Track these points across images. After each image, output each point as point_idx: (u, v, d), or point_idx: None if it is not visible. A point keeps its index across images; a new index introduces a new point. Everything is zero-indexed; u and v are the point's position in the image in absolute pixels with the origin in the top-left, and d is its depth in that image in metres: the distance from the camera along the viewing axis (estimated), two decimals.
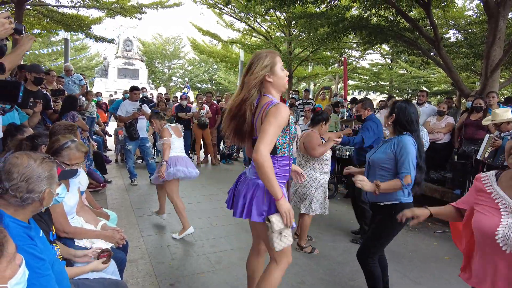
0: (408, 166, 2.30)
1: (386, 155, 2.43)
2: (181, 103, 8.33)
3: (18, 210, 1.35)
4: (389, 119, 2.51)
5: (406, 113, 2.45)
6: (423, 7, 7.31)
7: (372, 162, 2.53)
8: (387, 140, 2.54)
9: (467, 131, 5.25)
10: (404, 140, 2.38)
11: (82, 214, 2.46)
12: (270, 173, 1.79)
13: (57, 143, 2.23)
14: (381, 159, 2.45)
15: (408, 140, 2.37)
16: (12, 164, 1.33)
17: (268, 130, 1.81)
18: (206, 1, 14.84)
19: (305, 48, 14.75)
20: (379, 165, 2.46)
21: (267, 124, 1.82)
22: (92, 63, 31.42)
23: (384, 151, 2.46)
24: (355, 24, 8.41)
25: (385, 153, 2.44)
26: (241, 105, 1.95)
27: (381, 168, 2.46)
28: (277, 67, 1.95)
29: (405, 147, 2.33)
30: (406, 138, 2.38)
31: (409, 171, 2.29)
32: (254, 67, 1.93)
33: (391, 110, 2.51)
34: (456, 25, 12.69)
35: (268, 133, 1.80)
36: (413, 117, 2.45)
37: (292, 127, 1.98)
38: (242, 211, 1.99)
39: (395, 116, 2.47)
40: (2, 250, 0.91)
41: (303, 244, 3.70)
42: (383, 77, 22.62)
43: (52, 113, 5.32)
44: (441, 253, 3.89)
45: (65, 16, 11.37)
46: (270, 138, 1.81)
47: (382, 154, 2.45)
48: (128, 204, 5.00)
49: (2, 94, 1.76)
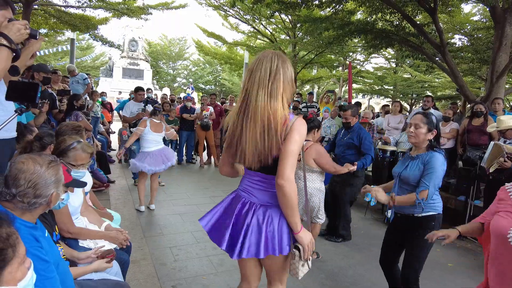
0: (428, 182, 2.24)
1: (420, 171, 2.32)
2: (185, 104, 8.36)
3: (25, 212, 1.36)
4: (427, 136, 2.34)
5: (439, 127, 2.38)
6: (429, 12, 7.29)
7: (405, 179, 2.42)
8: (415, 156, 2.40)
9: (471, 137, 5.23)
10: (437, 157, 2.28)
11: (86, 215, 2.47)
12: (295, 203, 1.55)
13: (63, 144, 2.25)
14: (416, 176, 2.33)
15: (440, 159, 2.28)
16: (19, 170, 1.33)
17: (294, 151, 1.54)
18: (211, 3, 14.92)
19: (309, 51, 14.78)
20: (414, 181, 2.35)
21: (293, 143, 1.54)
22: (97, 62, 31.60)
23: (417, 167, 2.34)
24: (361, 28, 8.40)
25: (419, 170, 2.33)
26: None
27: (412, 184, 2.38)
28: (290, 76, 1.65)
29: (434, 165, 2.25)
30: (439, 156, 2.29)
31: (428, 186, 2.23)
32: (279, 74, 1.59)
33: (431, 126, 2.34)
34: (462, 30, 12.65)
35: (294, 154, 1.54)
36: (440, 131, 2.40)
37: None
38: (258, 248, 1.61)
39: (436, 132, 2.35)
40: (14, 252, 0.92)
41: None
42: (388, 81, 22.56)
43: (58, 112, 5.36)
44: (444, 260, 3.87)
45: (72, 16, 11.46)
46: (295, 160, 1.55)
47: (416, 171, 2.34)
48: (131, 204, 5.01)
49: (20, 95, 1.79)
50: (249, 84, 1.60)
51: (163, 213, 4.78)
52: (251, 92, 1.59)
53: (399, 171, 2.48)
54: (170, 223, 4.37)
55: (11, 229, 0.93)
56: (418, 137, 2.35)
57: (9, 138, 1.98)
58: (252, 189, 1.71)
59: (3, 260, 0.89)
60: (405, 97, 23.26)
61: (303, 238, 1.62)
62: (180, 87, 35.00)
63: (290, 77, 1.64)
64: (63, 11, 11.38)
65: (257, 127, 1.56)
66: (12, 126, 2.01)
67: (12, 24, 1.78)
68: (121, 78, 24.20)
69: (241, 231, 1.65)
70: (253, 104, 1.57)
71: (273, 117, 1.55)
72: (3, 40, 1.73)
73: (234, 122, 1.66)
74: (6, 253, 0.90)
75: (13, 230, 0.94)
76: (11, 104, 1.98)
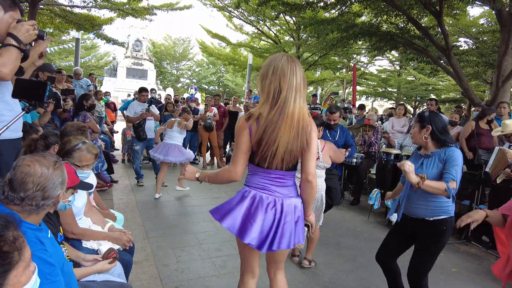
0: (455, 173, 2.17)
1: (439, 169, 2.27)
2: (189, 105, 8.36)
3: (31, 214, 1.36)
4: (422, 133, 2.35)
5: (439, 121, 2.33)
6: (434, 15, 7.27)
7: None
8: (430, 154, 2.34)
9: (483, 140, 5.14)
10: (455, 151, 2.25)
11: (90, 215, 2.47)
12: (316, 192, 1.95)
13: (69, 144, 2.25)
14: (435, 174, 2.27)
15: (458, 152, 2.25)
16: (25, 173, 1.32)
17: (315, 148, 1.83)
18: (216, 4, 14.95)
19: (313, 53, 14.76)
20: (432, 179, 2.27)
21: (315, 143, 1.83)
22: (101, 62, 31.74)
23: (435, 165, 2.29)
24: (365, 31, 8.39)
25: (437, 168, 2.27)
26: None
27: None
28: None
29: (455, 158, 2.21)
30: (457, 150, 2.25)
31: (455, 177, 2.16)
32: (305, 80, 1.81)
33: (423, 123, 2.35)
34: (468, 33, 12.60)
35: (315, 151, 1.84)
36: (445, 125, 2.35)
37: None
38: (289, 239, 1.79)
39: (431, 127, 2.32)
40: (20, 255, 0.92)
41: (311, 257, 3.59)
42: (391, 84, 22.52)
43: (62, 112, 5.38)
44: (448, 265, 3.84)
45: (77, 16, 11.52)
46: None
47: (435, 168, 2.28)
48: (134, 204, 5.01)
49: (28, 93, 1.80)
50: (286, 88, 1.71)
51: (165, 213, 4.78)
52: (288, 96, 1.71)
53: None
54: (173, 224, 4.37)
55: (18, 233, 0.93)
56: (415, 137, 2.42)
57: (15, 138, 1.98)
58: (272, 186, 1.83)
59: (9, 264, 0.88)
60: (409, 99, 23.20)
61: (312, 218, 1.97)
62: (184, 88, 35.09)
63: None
64: (69, 11, 11.45)
65: (292, 130, 1.72)
66: (18, 127, 2.02)
67: (21, 25, 1.79)
68: (125, 78, 24.27)
69: (273, 226, 1.78)
70: (291, 107, 1.71)
71: (304, 120, 1.76)
72: (13, 40, 1.74)
73: (266, 124, 1.72)
74: (13, 256, 0.89)
75: (20, 234, 0.93)
76: (18, 105, 1.99)
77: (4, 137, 1.84)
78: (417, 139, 2.40)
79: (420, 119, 2.38)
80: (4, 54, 1.71)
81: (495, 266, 2.07)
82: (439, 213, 2.29)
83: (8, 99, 1.87)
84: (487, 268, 3.85)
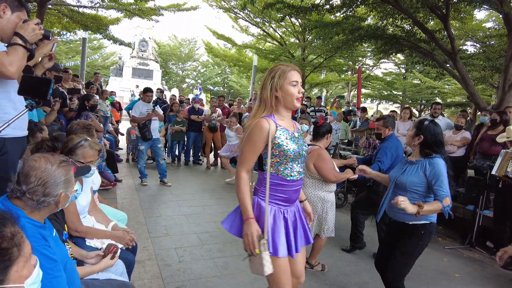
0: (446, 189, 2.23)
1: (419, 178, 2.34)
2: (193, 106, 8.40)
3: (34, 211, 1.39)
4: (415, 140, 2.42)
5: (435, 134, 2.37)
6: (440, 18, 7.24)
7: (400, 184, 2.42)
8: (415, 161, 2.42)
9: (483, 145, 5.14)
10: (439, 163, 2.30)
11: (94, 214, 2.49)
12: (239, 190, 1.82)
13: (71, 142, 2.27)
14: (414, 182, 2.35)
15: (441, 164, 2.30)
16: (31, 167, 1.37)
17: (242, 149, 1.86)
18: (222, 5, 14.99)
19: (318, 55, 14.75)
20: (411, 187, 2.36)
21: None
22: (107, 62, 31.95)
23: (416, 174, 2.36)
24: (371, 33, 8.37)
25: (417, 176, 2.35)
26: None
27: (412, 191, 2.37)
28: (285, 82, 1.80)
29: (440, 171, 2.26)
30: (440, 162, 2.30)
31: (447, 193, 2.22)
32: (265, 80, 1.84)
33: (418, 131, 2.41)
34: (474, 37, 12.52)
35: (242, 152, 1.84)
36: (441, 139, 2.38)
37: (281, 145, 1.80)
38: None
39: (423, 137, 2.38)
40: (20, 251, 0.93)
41: (313, 262, 3.53)
42: (397, 87, 22.41)
43: (68, 111, 5.43)
44: (451, 270, 3.82)
45: (84, 16, 11.62)
46: (244, 156, 1.82)
47: (415, 177, 2.36)
48: (137, 204, 5.04)
49: (32, 90, 1.82)
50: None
51: (168, 213, 4.80)
52: None
53: (396, 176, 2.49)
54: (176, 224, 4.39)
55: (16, 228, 0.94)
56: (408, 140, 2.51)
57: (21, 137, 2.01)
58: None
59: (9, 260, 0.90)
60: (414, 103, 23.08)
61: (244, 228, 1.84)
62: (189, 88, 35.18)
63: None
64: (76, 11, 11.55)
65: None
66: (24, 125, 2.04)
67: (27, 24, 1.82)
68: (130, 78, 24.42)
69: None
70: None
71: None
72: (19, 40, 1.77)
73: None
74: (12, 252, 0.91)
75: (18, 229, 0.95)
76: (23, 104, 2.01)
77: (9, 135, 1.87)
78: (409, 142, 2.51)
79: (418, 126, 2.43)
80: (11, 53, 1.74)
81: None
82: (419, 218, 2.31)
83: (14, 97, 1.90)
84: (491, 273, 3.82)
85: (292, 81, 1.80)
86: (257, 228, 1.76)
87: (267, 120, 1.78)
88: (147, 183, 6.21)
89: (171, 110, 8.42)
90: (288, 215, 1.88)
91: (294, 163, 1.85)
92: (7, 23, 1.81)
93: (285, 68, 1.82)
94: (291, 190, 1.86)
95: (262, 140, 1.77)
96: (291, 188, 1.86)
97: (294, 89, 1.81)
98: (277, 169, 1.83)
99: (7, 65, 1.70)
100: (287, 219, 1.86)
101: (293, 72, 1.82)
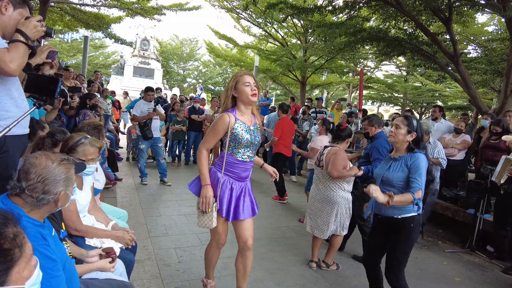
0: (420, 182, 2.31)
1: (404, 173, 2.40)
2: (194, 105, 8.40)
3: (33, 209, 1.38)
4: (407, 137, 2.44)
5: (422, 131, 2.47)
6: (443, 21, 7.23)
7: (387, 180, 2.47)
8: (398, 158, 2.47)
9: (486, 153, 5.09)
10: (421, 158, 2.37)
11: (94, 213, 2.48)
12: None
13: (71, 140, 2.27)
14: (399, 178, 2.41)
15: (423, 159, 2.37)
16: (31, 164, 1.37)
17: (207, 133, 2.44)
18: (224, 5, 14.97)
19: (320, 56, 14.73)
20: (397, 183, 2.42)
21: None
22: (109, 60, 31.95)
23: (402, 169, 2.42)
24: (373, 35, 8.35)
25: (402, 172, 2.41)
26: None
27: (394, 186, 2.43)
28: (239, 84, 2.33)
29: (420, 165, 2.34)
30: (422, 157, 2.38)
31: (421, 186, 2.30)
32: (225, 86, 2.40)
33: (411, 128, 2.44)
34: (476, 41, 12.51)
35: (207, 135, 2.44)
36: (423, 134, 2.49)
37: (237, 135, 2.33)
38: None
39: (415, 135, 2.43)
40: (21, 252, 0.92)
41: (329, 262, 3.59)
42: (398, 89, 22.39)
43: (68, 109, 5.42)
44: (451, 274, 3.80)
45: (87, 15, 11.61)
46: (207, 138, 2.41)
47: (400, 172, 2.41)
48: (137, 203, 5.03)
49: (39, 88, 1.81)
50: None
51: (168, 213, 4.79)
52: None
53: (382, 173, 2.52)
54: (176, 224, 4.38)
55: (18, 229, 0.93)
56: (397, 137, 2.46)
57: (22, 135, 1.99)
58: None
59: (10, 261, 0.89)
60: (415, 105, 23.05)
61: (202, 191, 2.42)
62: (190, 88, 35.19)
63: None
64: (78, 9, 11.55)
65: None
66: (26, 122, 2.03)
67: (28, 21, 1.81)
68: (131, 77, 24.39)
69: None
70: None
71: None
72: (21, 36, 1.76)
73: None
74: (14, 253, 0.90)
75: (20, 230, 0.94)
76: (24, 101, 2.00)
77: (10, 133, 1.85)
78: (399, 140, 2.46)
79: (409, 123, 2.45)
80: (12, 50, 1.73)
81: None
82: (406, 211, 2.39)
83: (15, 94, 1.88)
84: (491, 278, 3.81)
85: (245, 83, 2.32)
86: (212, 193, 2.33)
87: (228, 115, 2.32)
88: (147, 182, 6.20)
89: (172, 109, 8.42)
90: (235, 186, 2.42)
91: (246, 149, 2.40)
92: (9, 20, 1.80)
93: (239, 74, 2.37)
94: (241, 168, 2.41)
95: (223, 129, 2.32)
96: (241, 166, 2.41)
97: (247, 89, 2.32)
98: (232, 151, 2.37)
99: (8, 62, 1.69)
100: (233, 189, 2.40)
101: (245, 76, 2.34)
